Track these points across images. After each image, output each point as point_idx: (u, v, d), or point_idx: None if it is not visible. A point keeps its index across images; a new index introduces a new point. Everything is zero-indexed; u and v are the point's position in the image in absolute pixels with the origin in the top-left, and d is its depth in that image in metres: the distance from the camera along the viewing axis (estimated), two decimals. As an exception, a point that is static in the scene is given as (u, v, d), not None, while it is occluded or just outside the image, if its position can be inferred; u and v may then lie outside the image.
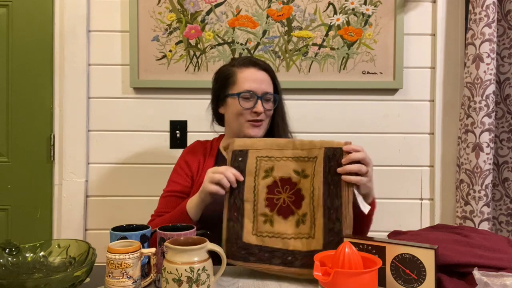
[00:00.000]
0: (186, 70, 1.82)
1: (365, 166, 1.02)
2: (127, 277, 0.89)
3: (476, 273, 0.81)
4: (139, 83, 1.82)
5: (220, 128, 1.44)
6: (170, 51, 1.81)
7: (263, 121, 1.31)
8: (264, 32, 1.81)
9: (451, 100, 1.84)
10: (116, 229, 1.02)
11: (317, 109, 1.85)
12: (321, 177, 1.02)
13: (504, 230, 1.78)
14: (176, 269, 0.84)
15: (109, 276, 0.89)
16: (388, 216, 1.82)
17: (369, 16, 1.81)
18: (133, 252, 0.89)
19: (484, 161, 1.68)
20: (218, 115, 1.40)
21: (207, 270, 0.86)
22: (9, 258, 0.98)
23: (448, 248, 0.94)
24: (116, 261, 0.88)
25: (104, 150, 1.84)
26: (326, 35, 1.81)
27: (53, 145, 1.84)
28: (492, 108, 1.69)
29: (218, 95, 1.36)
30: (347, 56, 1.82)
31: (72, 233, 1.80)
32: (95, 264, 0.96)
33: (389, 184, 1.84)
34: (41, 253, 1.02)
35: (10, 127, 1.83)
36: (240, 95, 1.28)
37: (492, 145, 1.70)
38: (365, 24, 1.81)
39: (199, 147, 1.42)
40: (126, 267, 0.88)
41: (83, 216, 1.82)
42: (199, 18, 1.80)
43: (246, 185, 1.10)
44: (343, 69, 1.82)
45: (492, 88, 1.68)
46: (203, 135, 1.48)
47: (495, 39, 1.69)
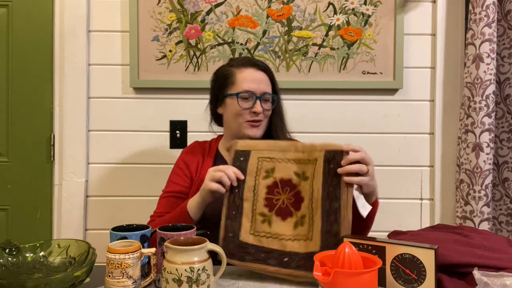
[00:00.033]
0: (186, 70, 1.82)
1: (366, 166, 1.02)
2: (127, 277, 0.89)
3: (476, 273, 0.81)
4: (139, 83, 1.82)
5: (218, 128, 1.44)
6: (170, 51, 1.81)
7: (261, 121, 1.31)
8: (264, 32, 1.81)
9: (451, 100, 1.84)
10: (116, 229, 1.02)
11: (317, 109, 1.85)
12: (321, 179, 1.02)
13: (504, 230, 1.78)
14: (176, 269, 0.84)
15: (109, 276, 0.89)
16: (388, 216, 1.82)
17: (369, 16, 1.81)
18: (133, 252, 0.89)
19: (484, 161, 1.68)
20: (217, 115, 1.40)
21: (207, 270, 0.86)
22: (9, 258, 0.98)
23: (448, 248, 0.94)
24: (116, 261, 0.88)
25: (104, 150, 1.84)
26: (326, 35, 1.81)
27: (53, 145, 1.84)
28: (492, 108, 1.69)
29: (216, 95, 1.36)
30: (347, 56, 1.82)
31: (72, 233, 1.80)
32: (95, 264, 0.96)
33: (389, 184, 1.84)
34: (41, 253, 1.02)
35: (10, 127, 1.83)
36: (239, 95, 1.28)
37: (492, 145, 1.70)
38: (365, 24, 1.81)
39: (197, 148, 1.42)
40: (126, 267, 0.88)
41: (83, 216, 1.82)
42: (199, 18, 1.80)
43: (247, 185, 1.10)
44: (343, 69, 1.82)
45: (492, 88, 1.68)
46: (203, 135, 1.48)
47: (495, 39, 1.69)
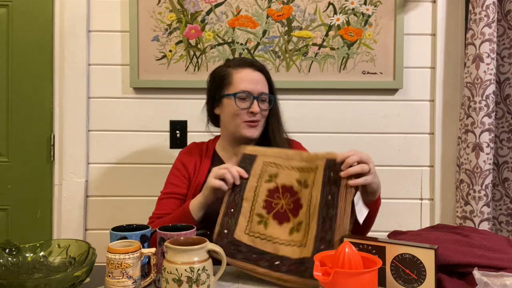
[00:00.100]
0: (186, 70, 1.82)
1: (367, 165, 1.02)
2: (127, 277, 0.89)
3: (476, 273, 0.81)
4: (139, 83, 1.82)
5: (215, 129, 1.44)
6: (170, 51, 1.81)
7: (259, 121, 1.31)
8: (264, 32, 1.81)
9: (451, 100, 1.84)
10: (116, 229, 1.02)
11: (317, 109, 1.85)
12: (320, 186, 1.03)
13: (504, 230, 1.78)
14: (176, 269, 0.84)
15: (109, 276, 0.89)
16: (388, 216, 1.82)
17: (369, 16, 1.81)
18: (133, 252, 0.89)
19: (484, 161, 1.68)
20: (214, 116, 1.40)
21: (207, 270, 0.86)
22: (9, 258, 0.98)
23: (448, 248, 0.94)
24: (116, 261, 0.88)
25: (104, 150, 1.84)
26: (326, 35, 1.81)
27: (53, 145, 1.84)
28: (492, 108, 1.69)
29: (213, 96, 1.36)
30: (347, 56, 1.82)
31: (72, 233, 1.80)
32: (95, 264, 0.96)
33: (389, 184, 1.84)
34: (41, 253, 1.02)
35: (10, 127, 1.83)
36: (236, 95, 1.28)
37: (492, 145, 1.70)
38: (365, 24, 1.81)
39: (195, 149, 1.42)
40: (126, 267, 0.88)
41: (83, 216, 1.82)
42: (199, 18, 1.80)
43: (249, 185, 1.11)
44: (343, 69, 1.82)
45: (492, 88, 1.68)
46: (203, 135, 1.48)
47: (495, 39, 1.69)
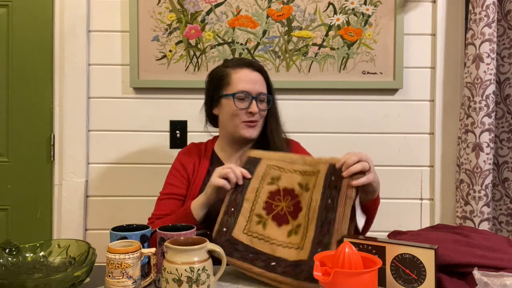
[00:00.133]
0: (186, 70, 1.82)
1: (367, 163, 1.02)
2: (127, 277, 0.89)
3: (476, 273, 0.81)
4: (139, 83, 1.82)
5: (213, 129, 1.44)
6: (170, 51, 1.81)
7: (257, 121, 1.31)
8: (264, 32, 1.81)
9: (451, 100, 1.84)
10: (116, 229, 1.02)
11: (317, 109, 1.85)
12: (321, 190, 1.03)
13: (504, 230, 1.78)
14: (176, 269, 0.84)
15: (109, 276, 0.89)
16: (388, 216, 1.82)
17: (369, 16, 1.81)
18: (133, 252, 0.89)
19: (484, 161, 1.68)
20: (212, 116, 1.40)
21: (207, 270, 0.86)
22: (9, 258, 0.98)
23: (448, 248, 0.94)
24: (116, 261, 0.88)
25: (104, 150, 1.84)
26: (326, 35, 1.81)
27: (53, 145, 1.84)
28: (492, 108, 1.69)
29: (212, 96, 1.36)
30: (347, 56, 1.82)
31: (72, 233, 1.80)
32: (95, 264, 0.96)
33: (389, 184, 1.84)
34: (41, 253, 1.02)
35: (10, 127, 1.83)
36: (235, 95, 1.28)
37: (492, 145, 1.70)
38: (365, 24, 1.81)
39: (193, 149, 1.42)
40: (126, 267, 0.88)
41: (83, 216, 1.82)
42: (199, 18, 1.80)
43: (251, 186, 1.12)
44: (343, 69, 1.82)
45: (492, 88, 1.68)
46: (203, 135, 1.48)
47: (495, 39, 1.69)
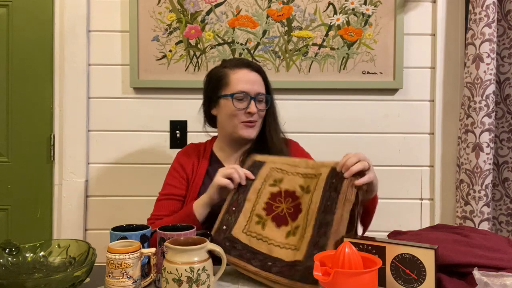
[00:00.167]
0: (186, 70, 1.82)
1: (366, 162, 1.04)
2: (127, 277, 0.89)
3: (476, 273, 0.81)
4: (139, 83, 1.82)
5: (212, 129, 1.44)
6: (170, 51, 1.81)
7: (256, 121, 1.32)
8: (264, 32, 1.81)
9: (451, 100, 1.84)
10: (116, 229, 1.02)
11: (317, 109, 1.85)
12: (321, 192, 1.04)
13: (504, 230, 1.78)
14: (176, 269, 0.84)
15: (109, 276, 0.89)
16: (388, 216, 1.82)
17: (369, 16, 1.81)
18: (133, 252, 0.89)
19: (484, 161, 1.68)
20: (211, 116, 1.40)
21: (207, 270, 0.86)
22: (9, 258, 0.98)
23: (448, 248, 0.94)
24: (116, 261, 0.88)
25: (104, 150, 1.84)
26: (326, 35, 1.81)
27: (53, 145, 1.84)
28: (492, 108, 1.69)
29: (210, 97, 1.36)
30: (347, 56, 1.82)
31: (72, 233, 1.80)
32: (95, 264, 0.96)
33: (389, 184, 1.84)
34: (41, 253, 1.02)
35: (10, 127, 1.83)
36: (233, 96, 1.28)
37: (492, 145, 1.70)
38: (365, 24, 1.81)
39: (192, 150, 1.42)
40: (126, 267, 0.88)
41: (83, 216, 1.82)
42: (199, 18, 1.80)
43: (253, 187, 1.14)
44: (343, 69, 1.82)
45: (492, 88, 1.68)
46: (203, 135, 1.48)
47: (495, 39, 1.69)
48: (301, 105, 1.84)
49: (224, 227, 1.09)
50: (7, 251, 0.99)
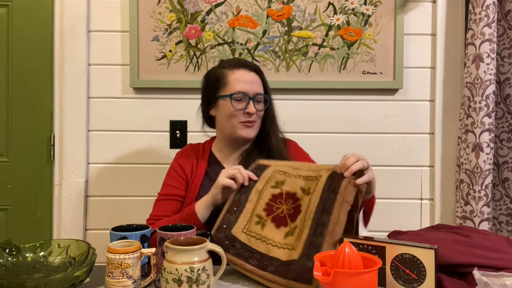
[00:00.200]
0: (186, 70, 1.82)
1: (365, 161, 1.05)
2: (127, 277, 0.89)
3: (476, 273, 0.81)
4: (139, 83, 1.82)
5: (210, 129, 1.44)
6: (170, 51, 1.81)
7: (255, 121, 1.32)
8: (264, 32, 1.81)
9: (451, 100, 1.84)
10: (116, 229, 1.02)
11: (317, 109, 1.85)
12: (320, 193, 1.04)
13: (504, 230, 1.78)
14: (176, 269, 0.84)
15: (109, 276, 0.89)
16: (388, 216, 1.82)
17: (369, 16, 1.81)
18: (133, 252, 0.89)
19: (484, 161, 1.68)
20: (209, 117, 1.40)
21: (207, 270, 0.86)
22: (9, 258, 0.98)
23: (448, 248, 0.94)
24: (116, 261, 0.88)
25: (104, 150, 1.84)
26: (326, 35, 1.81)
27: (53, 145, 1.84)
28: (492, 108, 1.69)
29: (208, 97, 1.36)
30: (347, 56, 1.82)
31: (72, 233, 1.80)
32: (95, 264, 0.96)
33: (389, 184, 1.84)
34: (41, 253, 1.02)
35: (10, 127, 1.83)
36: (232, 96, 1.28)
37: (492, 145, 1.70)
38: (365, 24, 1.81)
39: (191, 150, 1.42)
40: (126, 267, 0.88)
41: (83, 216, 1.82)
42: (199, 18, 1.80)
43: (255, 188, 1.15)
44: (343, 69, 1.82)
45: (492, 88, 1.68)
46: (203, 135, 1.48)
47: (495, 39, 1.69)
48: (301, 105, 1.84)
49: (225, 225, 1.10)
50: (7, 251, 0.99)
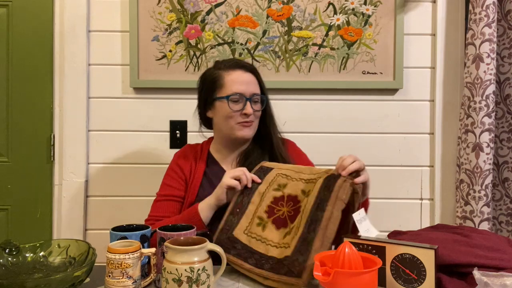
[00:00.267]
0: (186, 70, 1.82)
1: (361, 162, 1.07)
2: (127, 277, 0.89)
3: (476, 273, 0.81)
4: (139, 83, 1.82)
5: (207, 130, 1.44)
6: (170, 51, 1.81)
7: (253, 121, 1.31)
8: (264, 32, 1.81)
9: (451, 100, 1.84)
10: (116, 229, 1.02)
11: (317, 109, 1.85)
12: (316, 192, 1.05)
13: (504, 230, 1.78)
14: (176, 269, 0.84)
15: (109, 276, 0.89)
16: (388, 216, 1.82)
17: (369, 16, 1.81)
18: (133, 252, 0.89)
19: (484, 161, 1.68)
20: (206, 119, 1.39)
21: (207, 270, 0.86)
22: (9, 258, 0.98)
23: (448, 248, 0.94)
24: (116, 261, 0.88)
25: (104, 150, 1.84)
26: (326, 35, 1.81)
27: (53, 145, 1.84)
28: (492, 108, 1.69)
29: (205, 99, 1.35)
30: (347, 56, 1.82)
31: (72, 233, 1.80)
32: (95, 264, 0.96)
33: (389, 184, 1.84)
34: (41, 253, 1.02)
35: (10, 127, 1.83)
36: (229, 98, 1.27)
37: (492, 145, 1.70)
38: (365, 24, 1.81)
39: (190, 151, 1.42)
40: (126, 267, 0.88)
41: (83, 216, 1.82)
42: (199, 18, 1.80)
43: (258, 190, 1.16)
44: (343, 69, 1.82)
45: (492, 88, 1.68)
46: (201, 136, 1.48)
47: (495, 39, 1.69)
48: (301, 105, 1.84)
49: (227, 227, 1.12)
50: (7, 251, 0.99)
